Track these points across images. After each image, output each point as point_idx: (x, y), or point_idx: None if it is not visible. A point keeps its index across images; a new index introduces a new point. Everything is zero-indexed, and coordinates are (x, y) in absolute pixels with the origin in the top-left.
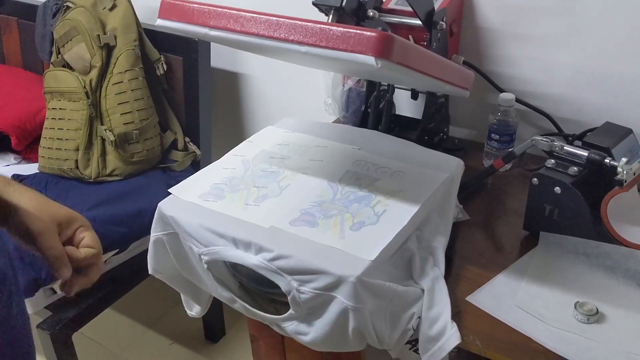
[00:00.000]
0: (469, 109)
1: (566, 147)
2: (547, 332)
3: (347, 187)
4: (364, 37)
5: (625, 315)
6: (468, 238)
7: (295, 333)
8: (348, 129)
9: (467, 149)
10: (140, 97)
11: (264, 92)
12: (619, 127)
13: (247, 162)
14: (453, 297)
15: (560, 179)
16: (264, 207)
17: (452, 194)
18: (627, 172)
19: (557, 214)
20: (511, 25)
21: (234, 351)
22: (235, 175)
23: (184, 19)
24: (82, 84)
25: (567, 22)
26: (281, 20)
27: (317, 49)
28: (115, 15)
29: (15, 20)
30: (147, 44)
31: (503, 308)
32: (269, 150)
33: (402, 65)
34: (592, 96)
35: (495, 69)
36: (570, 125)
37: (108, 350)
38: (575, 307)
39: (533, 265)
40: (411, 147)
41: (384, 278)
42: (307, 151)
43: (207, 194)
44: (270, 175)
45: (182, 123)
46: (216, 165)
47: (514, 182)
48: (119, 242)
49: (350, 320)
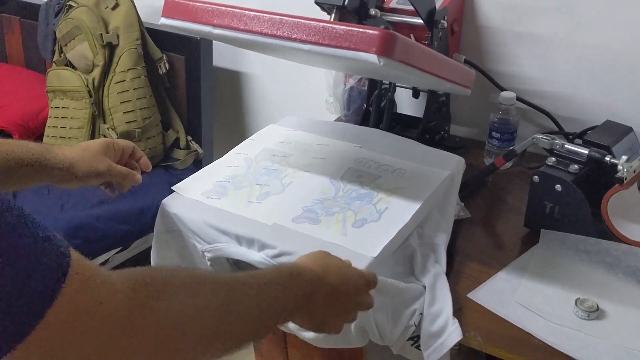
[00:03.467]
0: (470, 107)
1: (567, 145)
2: (548, 328)
3: (349, 184)
4: (367, 35)
5: (625, 312)
6: (469, 235)
7: (298, 329)
8: (350, 127)
9: (468, 147)
10: (143, 95)
11: (265, 91)
12: (619, 125)
13: (249, 160)
14: (454, 294)
15: (561, 177)
16: (267, 204)
17: (454, 191)
18: (627, 170)
19: (558, 211)
20: (512, 24)
21: None
22: (238, 173)
23: (187, 18)
24: (84, 82)
25: (567, 21)
26: (284, 19)
27: (320, 47)
28: (118, 14)
29: (17, 20)
30: (150, 43)
31: (504, 304)
32: (272, 148)
33: (404, 64)
34: (592, 94)
35: (496, 68)
36: (570, 123)
37: None
38: (575, 304)
39: (534, 262)
40: (412, 145)
41: (386, 275)
42: (309, 149)
43: (210, 191)
44: (272, 173)
45: (184, 122)
46: (219, 163)
47: (515, 180)
48: (121, 240)
49: None
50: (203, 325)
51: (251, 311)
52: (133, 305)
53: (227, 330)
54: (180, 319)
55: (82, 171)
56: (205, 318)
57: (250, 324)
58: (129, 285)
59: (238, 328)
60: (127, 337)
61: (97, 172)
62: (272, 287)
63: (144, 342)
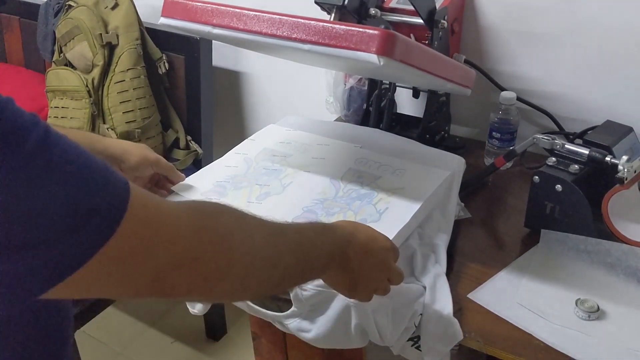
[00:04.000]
0: (470, 107)
1: (567, 145)
2: (548, 328)
3: (349, 184)
4: (367, 35)
5: (626, 312)
6: (469, 236)
7: (298, 330)
8: (350, 127)
9: (468, 147)
10: (142, 95)
11: (265, 91)
12: (620, 126)
13: (249, 160)
14: (454, 294)
15: (561, 177)
16: (267, 204)
17: (454, 191)
18: (627, 170)
19: (558, 211)
20: (512, 24)
21: (236, 349)
22: (238, 173)
23: (187, 17)
24: (84, 82)
25: (568, 21)
26: (284, 19)
27: (320, 47)
28: (117, 14)
29: (17, 19)
30: (149, 43)
31: (504, 305)
32: (271, 148)
33: (404, 63)
34: (592, 95)
35: (497, 68)
36: (571, 123)
37: (110, 349)
38: (576, 304)
39: (534, 262)
40: (413, 145)
41: None
42: (309, 149)
43: (209, 191)
44: (272, 173)
45: (183, 122)
46: (218, 164)
47: (515, 180)
48: None
49: (352, 317)
50: (250, 249)
51: (291, 247)
52: (193, 223)
53: (272, 260)
54: (230, 237)
55: (135, 159)
56: (255, 242)
57: (292, 259)
58: (184, 207)
59: (281, 261)
60: (189, 251)
61: (149, 160)
62: (308, 232)
63: (201, 255)
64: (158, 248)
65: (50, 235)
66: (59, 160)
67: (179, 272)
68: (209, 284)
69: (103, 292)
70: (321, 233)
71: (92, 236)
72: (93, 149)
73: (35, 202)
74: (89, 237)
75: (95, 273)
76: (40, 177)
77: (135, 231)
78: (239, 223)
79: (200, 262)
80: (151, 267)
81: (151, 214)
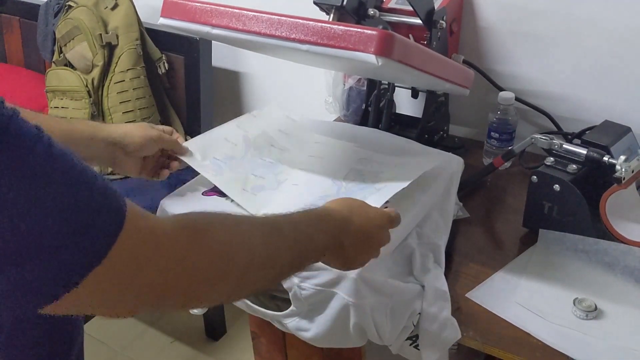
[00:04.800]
0: (469, 107)
1: (565, 145)
2: (546, 328)
3: (351, 183)
4: (365, 36)
5: (623, 311)
6: (468, 235)
7: (297, 329)
8: (349, 127)
9: (467, 147)
10: (142, 95)
11: (265, 91)
12: (618, 126)
13: (247, 140)
14: (453, 294)
15: (560, 177)
16: (260, 197)
17: (452, 191)
18: (625, 170)
19: (556, 211)
20: (511, 24)
21: (235, 349)
22: (235, 155)
23: (186, 18)
24: (84, 82)
25: (566, 21)
26: (282, 19)
27: (319, 47)
28: (117, 14)
29: (17, 20)
30: (149, 43)
31: (502, 304)
32: (270, 135)
33: (403, 64)
34: (591, 95)
35: (495, 68)
36: (569, 123)
37: (109, 348)
38: (574, 304)
39: (532, 262)
40: (411, 145)
41: (385, 274)
42: (306, 147)
43: (207, 166)
44: (268, 166)
45: (183, 122)
46: (219, 133)
47: (514, 180)
48: None
49: (351, 316)
50: (247, 254)
51: (288, 244)
52: (184, 239)
53: (269, 262)
54: (226, 248)
55: (138, 140)
56: (249, 248)
57: (288, 257)
58: (177, 225)
59: (278, 261)
60: (182, 266)
61: (152, 138)
62: (304, 226)
63: (197, 270)
64: (153, 266)
65: (43, 253)
66: (60, 178)
67: (175, 290)
68: (204, 296)
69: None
70: (316, 225)
71: (88, 252)
72: (96, 137)
73: (36, 216)
74: (85, 253)
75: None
76: (41, 191)
77: (130, 249)
78: (233, 233)
79: (196, 278)
80: (146, 284)
81: (146, 233)
